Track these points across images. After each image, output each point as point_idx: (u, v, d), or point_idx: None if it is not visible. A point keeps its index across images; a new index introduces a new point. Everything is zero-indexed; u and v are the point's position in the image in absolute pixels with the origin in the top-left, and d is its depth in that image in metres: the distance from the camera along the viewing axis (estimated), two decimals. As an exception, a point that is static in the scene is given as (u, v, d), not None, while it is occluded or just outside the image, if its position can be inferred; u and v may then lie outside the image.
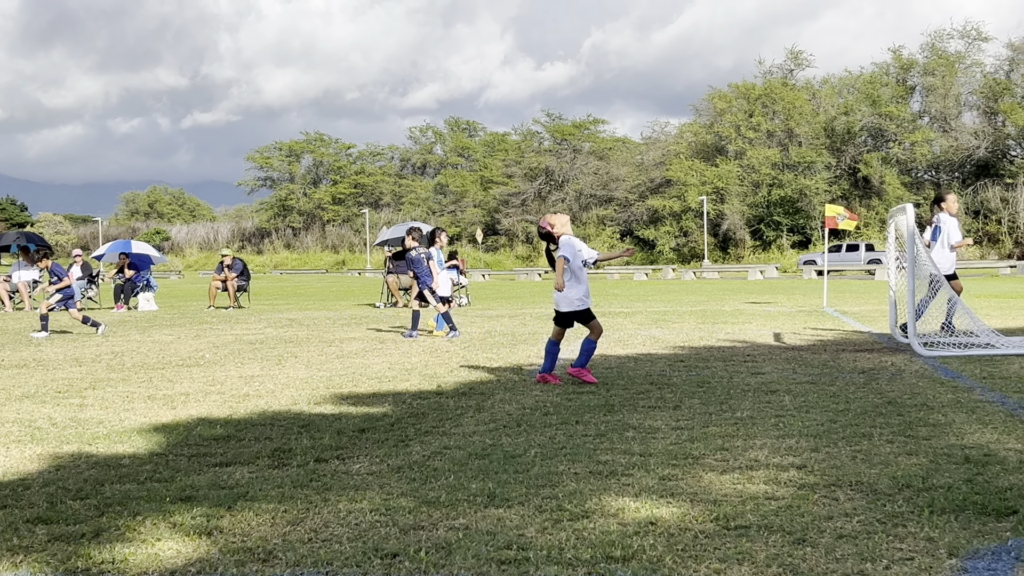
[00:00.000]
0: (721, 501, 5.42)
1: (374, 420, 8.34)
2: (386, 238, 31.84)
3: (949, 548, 4.54)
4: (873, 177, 76.90)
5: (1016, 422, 7.79)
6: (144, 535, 4.97)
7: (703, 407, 8.79)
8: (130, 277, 30.15)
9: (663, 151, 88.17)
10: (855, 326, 18.32)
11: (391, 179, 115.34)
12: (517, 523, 5.06)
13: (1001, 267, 57.57)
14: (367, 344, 15.90)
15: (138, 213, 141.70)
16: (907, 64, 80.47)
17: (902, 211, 14.57)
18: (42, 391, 10.61)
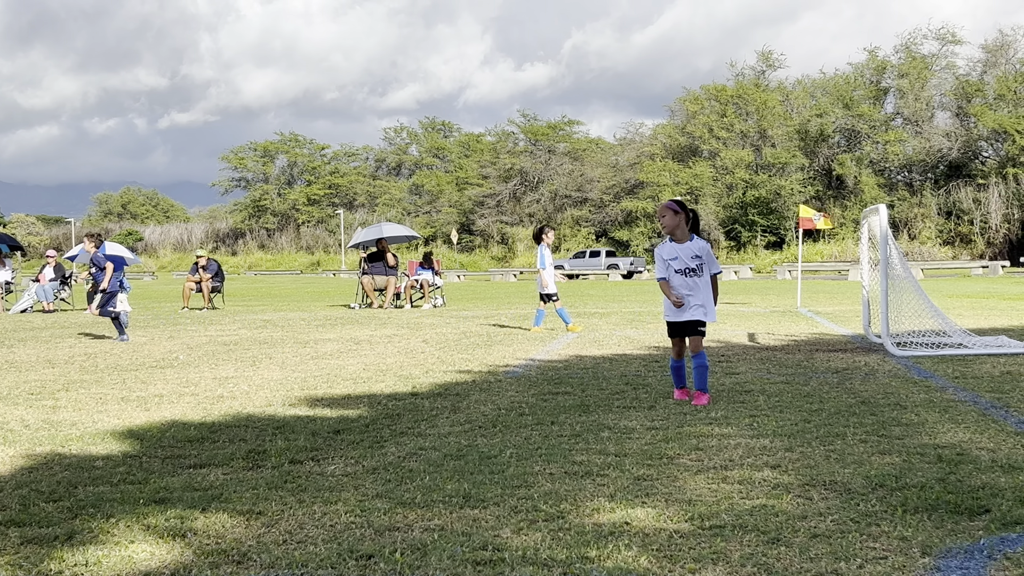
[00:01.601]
0: (696, 501, 5.44)
1: (349, 421, 8.33)
2: (360, 240, 31.73)
3: (922, 547, 4.57)
4: (847, 177, 77.30)
5: (988, 421, 7.84)
6: (118, 537, 4.94)
7: (678, 407, 8.81)
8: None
9: (637, 152, 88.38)
10: (829, 326, 18.39)
11: (366, 180, 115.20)
12: (492, 524, 5.06)
13: (973, 267, 57.93)
14: (342, 345, 15.87)
15: (111, 214, 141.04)
16: (881, 65, 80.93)
17: (875, 212, 14.64)
18: (14, 393, 10.54)
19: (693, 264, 9.01)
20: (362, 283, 29.04)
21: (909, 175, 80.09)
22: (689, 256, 9.02)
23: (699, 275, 9.02)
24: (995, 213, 72.21)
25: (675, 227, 9.06)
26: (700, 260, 9.03)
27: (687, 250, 9.04)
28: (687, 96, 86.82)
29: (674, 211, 9.08)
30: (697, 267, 9.01)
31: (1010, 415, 8.14)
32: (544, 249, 18.17)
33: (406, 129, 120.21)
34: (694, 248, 9.06)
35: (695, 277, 9.01)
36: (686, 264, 9.02)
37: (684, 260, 9.02)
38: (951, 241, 74.09)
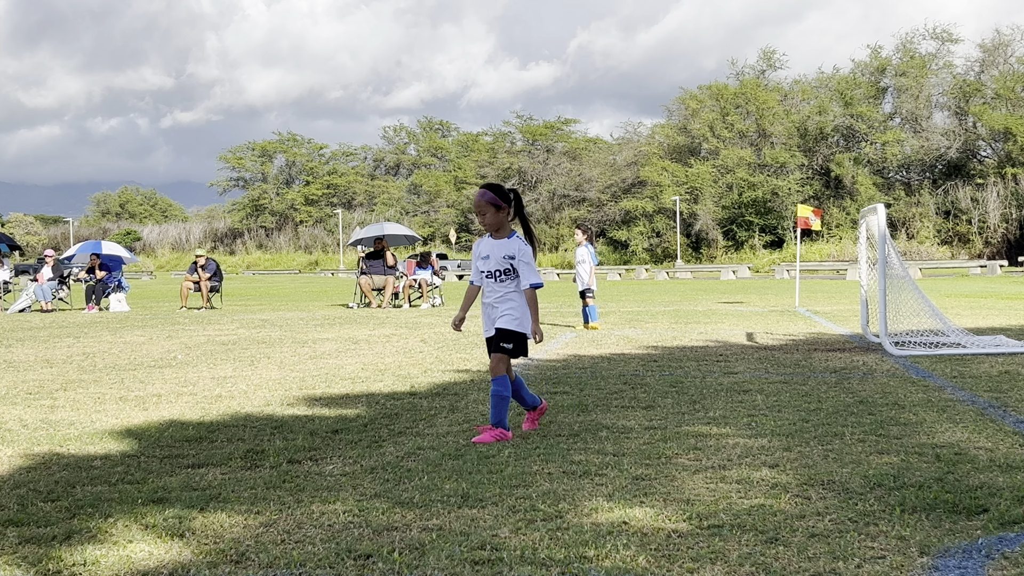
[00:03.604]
0: (694, 500, 5.44)
1: (347, 421, 8.33)
2: (359, 237, 31.79)
3: (920, 546, 4.57)
4: (845, 177, 77.32)
5: (986, 421, 7.84)
6: (116, 537, 4.94)
7: (676, 407, 8.81)
8: (101, 278, 29.99)
9: (635, 152, 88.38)
10: (827, 326, 18.40)
11: (364, 179, 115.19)
12: (491, 523, 5.06)
13: (971, 267, 57.97)
14: (340, 345, 15.87)
15: (109, 214, 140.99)
16: (882, 64, 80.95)
17: (873, 211, 14.64)
18: (12, 392, 10.54)
19: (504, 266, 7.55)
20: (360, 283, 29.04)
21: (907, 175, 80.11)
22: (501, 256, 7.55)
23: (508, 280, 7.56)
24: (993, 212, 72.22)
25: (501, 224, 7.60)
26: (511, 262, 7.54)
27: (501, 248, 7.57)
28: (687, 95, 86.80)
29: (496, 205, 7.54)
30: (507, 270, 7.54)
31: (1008, 414, 8.14)
32: (592, 247, 19.16)
33: (405, 129, 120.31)
34: (509, 247, 7.56)
35: (505, 282, 7.57)
36: (497, 266, 7.57)
37: (496, 260, 7.57)
38: (949, 241, 74.11)
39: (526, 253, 7.53)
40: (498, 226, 7.54)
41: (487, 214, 7.51)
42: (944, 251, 72.43)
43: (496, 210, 7.50)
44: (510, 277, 7.52)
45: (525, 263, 7.52)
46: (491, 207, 7.48)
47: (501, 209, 7.51)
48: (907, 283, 14.43)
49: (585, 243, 18.99)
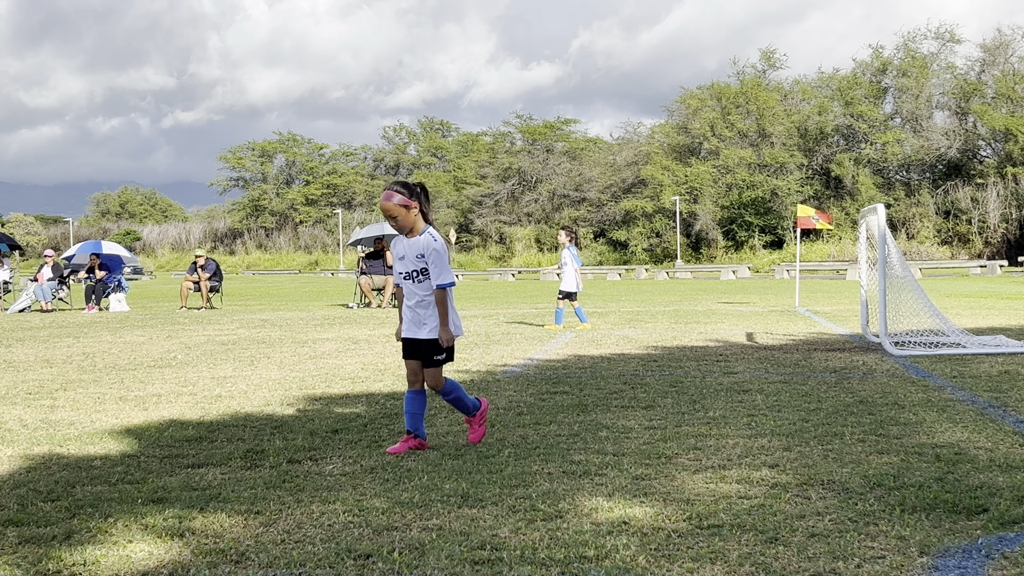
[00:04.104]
0: (694, 500, 5.44)
1: (347, 421, 8.33)
2: (359, 237, 31.80)
3: (920, 546, 4.57)
4: (845, 177, 77.32)
5: (986, 421, 7.84)
6: (116, 537, 4.94)
7: (676, 407, 8.81)
8: (101, 278, 30.00)
9: (635, 151, 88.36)
10: (827, 326, 18.40)
11: (364, 179, 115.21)
12: (490, 523, 5.06)
13: (971, 267, 57.97)
14: (340, 345, 15.87)
15: (109, 214, 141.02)
16: (884, 64, 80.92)
17: (873, 211, 14.64)
18: (12, 392, 10.54)
19: (418, 266, 7.14)
20: (360, 283, 29.05)
21: (907, 175, 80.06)
22: (414, 256, 7.15)
23: (426, 280, 7.13)
24: (993, 212, 72.18)
25: (414, 223, 7.15)
26: (424, 261, 7.12)
27: (413, 247, 7.16)
28: (687, 94, 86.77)
29: (405, 206, 7.08)
30: (422, 270, 7.13)
31: (1008, 414, 8.14)
32: (574, 249, 19.29)
33: (404, 129, 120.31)
34: (419, 245, 7.14)
35: (423, 283, 7.15)
36: (412, 266, 7.17)
37: (410, 260, 7.18)
38: (949, 241, 74.07)
39: (435, 250, 7.07)
40: (411, 226, 7.13)
41: (398, 216, 7.06)
42: (944, 251, 72.40)
43: (406, 210, 7.07)
44: (427, 277, 7.11)
45: (434, 261, 7.07)
46: (400, 208, 7.05)
47: (411, 208, 7.09)
48: (909, 282, 14.43)
49: (568, 245, 19.12)
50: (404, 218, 7.07)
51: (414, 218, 7.11)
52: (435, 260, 7.07)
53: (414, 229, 7.14)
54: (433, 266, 7.07)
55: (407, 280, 7.18)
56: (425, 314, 7.14)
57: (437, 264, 7.07)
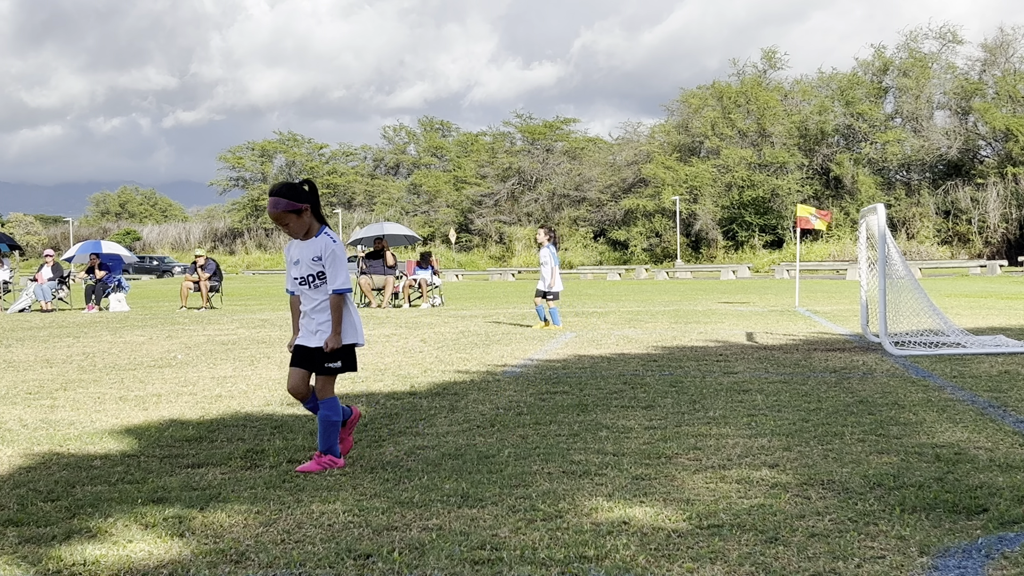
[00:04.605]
0: (694, 500, 5.44)
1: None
2: (359, 237, 31.82)
3: (920, 546, 4.57)
4: (845, 177, 77.31)
5: (986, 421, 7.84)
6: (116, 537, 4.94)
7: (676, 407, 8.81)
8: (101, 278, 29.99)
9: (635, 151, 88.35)
10: (827, 326, 18.40)
11: (364, 179, 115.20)
12: (490, 523, 5.06)
13: (971, 267, 57.95)
14: (340, 344, 15.85)
15: (109, 214, 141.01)
16: (886, 64, 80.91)
17: (873, 211, 14.64)
18: (12, 392, 10.54)
19: (314, 270, 6.61)
20: (360, 283, 29.05)
21: (907, 174, 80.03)
22: (310, 258, 6.62)
23: (324, 284, 6.62)
24: (993, 212, 72.17)
25: (308, 226, 6.63)
26: (321, 264, 6.60)
27: (309, 250, 6.64)
28: (688, 93, 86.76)
29: (294, 211, 6.56)
30: (319, 274, 6.61)
31: (1008, 414, 8.15)
32: (554, 248, 19.24)
33: (404, 128, 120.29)
34: (315, 247, 6.62)
35: (320, 287, 6.64)
36: (308, 270, 6.63)
37: (305, 264, 6.64)
38: (949, 240, 74.06)
39: (334, 252, 6.58)
40: (305, 229, 6.61)
41: (289, 223, 6.57)
42: (944, 251, 72.38)
43: (297, 216, 6.55)
44: (324, 281, 6.60)
45: (331, 264, 6.58)
46: (290, 215, 6.54)
47: (302, 212, 6.55)
48: (909, 282, 14.43)
49: (547, 244, 19.09)
50: (296, 224, 6.57)
51: (308, 221, 6.60)
52: (332, 263, 6.58)
53: (309, 231, 6.64)
54: (330, 269, 6.57)
55: (303, 286, 6.64)
56: (321, 319, 6.63)
57: (334, 267, 6.58)
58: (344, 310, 6.61)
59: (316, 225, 6.65)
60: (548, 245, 19.08)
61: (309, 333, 6.65)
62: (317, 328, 6.62)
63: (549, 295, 18.82)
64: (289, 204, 6.50)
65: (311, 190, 6.64)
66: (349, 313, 6.66)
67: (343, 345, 6.62)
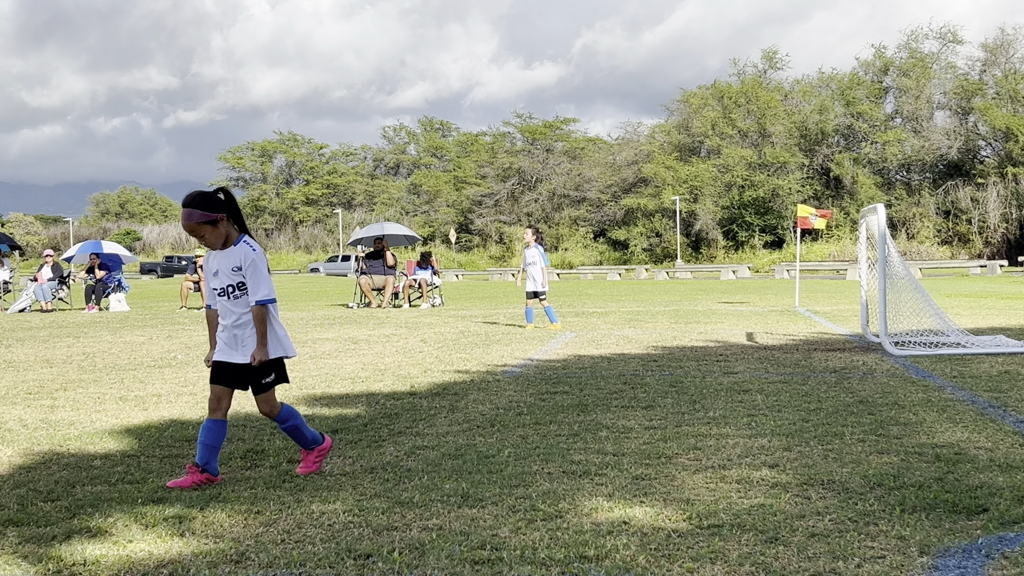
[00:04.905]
0: (694, 500, 5.44)
1: (347, 421, 8.33)
2: (359, 237, 31.82)
3: (920, 546, 4.57)
4: (845, 177, 77.33)
5: (986, 421, 7.84)
6: (116, 537, 4.94)
7: (676, 407, 8.81)
8: (101, 278, 29.99)
9: (636, 151, 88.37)
10: (827, 326, 18.40)
11: (364, 179, 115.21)
12: (491, 523, 5.06)
13: (971, 267, 57.96)
14: (340, 345, 15.87)
15: (109, 214, 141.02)
16: (886, 64, 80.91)
17: (873, 211, 14.64)
18: (12, 392, 10.54)
19: (234, 280, 6.28)
20: (360, 283, 29.05)
21: (907, 175, 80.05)
22: (229, 269, 6.28)
23: (245, 295, 6.29)
24: (993, 212, 72.20)
25: (226, 236, 6.29)
26: (241, 274, 6.27)
27: (227, 260, 6.28)
28: (689, 93, 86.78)
29: (210, 222, 6.22)
30: (239, 284, 6.28)
31: (1008, 414, 8.14)
32: (542, 248, 19.30)
33: (405, 128, 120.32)
34: (234, 257, 6.28)
35: (240, 299, 6.30)
36: (227, 281, 6.29)
37: (225, 275, 6.28)
38: (949, 240, 74.10)
39: (253, 261, 6.25)
40: (223, 240, 6.26)
41: (205, 235, 6.22)
42: (944, 251, 72.42)
43: (213, 227, 6.21)
44: (245, 292, 6.27)
45: (252, 273, 6.25)
46: (206, 227, 6.20)
47: (218, 222, 6.21)
48: (908, 282, 14.43)
49: (535, 244, 19.20)
50: (212, 235, 6.22)
51: (224, 231, 6.24)
52: (253, 272, 6.24)
53: (227, 240, 6.28)
54: (251, 279, 6.24)
55: (222, 297, 6.29)
56: (243, 335, 6.28)
57: (255, 277, 6.24)
58: (269, 322, 6.30)
59: (235, 234, 6.32)
60: (536, 245, 19.22)
61: (230, 348, 6.29)
62: (241, 343, 6.27)
63: (541, 295, 18.92)
64: (204, 215, 6.16)
65: (227, 198, 6.30)
66: (273, 325, 6.34)
67: (272, 359, 6.33)
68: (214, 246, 6.27)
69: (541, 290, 18.89)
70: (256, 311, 6.22)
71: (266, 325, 6.26)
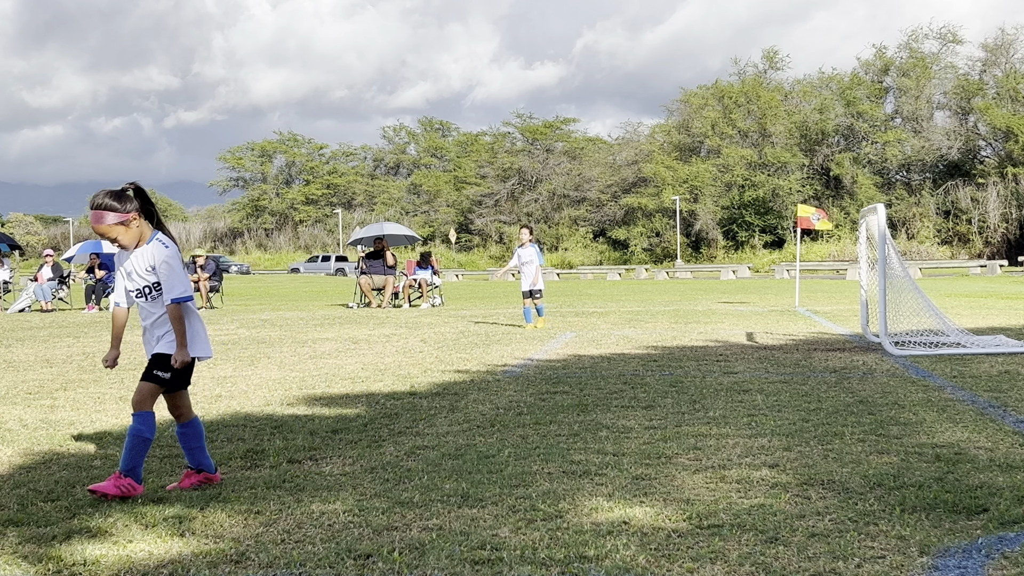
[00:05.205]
0: (694, 500, 5.44)
1: (347, 421, 8.33)
2: (359, 237, 31.82)
3: (920, 546, 4.57)
4: (844, 177, 77.33)
5: (986, 421, 7.84)
6: (116, 537, 4.94)
7: (676, 407, 8.81)
8: (101, 277, 29.99)
9: (636, 151, 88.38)
10: (827, 326, 18.40)
11: (364, 179, 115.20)
12: (491, 523, 5.06)
13: (971, 267, 57.98)
14: (340, 345, 15.87)
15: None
16: (887, 64, 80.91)
17: (873, 211, 14.64)
18: (12, 392, 10.54)
19: (149, 280, 6.02)
20: (360, 283, 29.04)
21: (908, 175, 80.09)
22: (143, 269, 6.01)
23: (154, 298, 6.05)
24: (993, 212, 72.23)
25: (139, 235, 5.99)
26: (155, 275, 5.99)
27: (141, 259, 6.01)
28: (689, 93, 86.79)
29: (122, 223, 5.92)
30: (155, 284, 6.01)
31: (1008, 414, 8.14)
32: (536, 247, 19.62)
33: (405, 128, 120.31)
34: (147, 256, 6.00)
35: (157, 300, 6.05)
36: (142, 281, 6.03)
37: (139, 275, 6.02)
38: (949, 240, 74.13)
39: (166, 260, 5.95)
40: (136, 239, 5.98)
41: (118, 236, 5.93)
42: (944, 251, 72.45)
43: (125, 227, 5.92)
44: (161, 292, 6.01)
45: (166, 272, 5.95)
46: (118, 228, 5.91)
47: (129, 222, 5.91)
48: (907, 283, 14.43)
49: (530, 243, 19.44)
50: (126, 235, 5.94)
51: (138, 230, 5.96)
52: (167, 271, 5.95)
53: (141, 239, 5.99)
54: (165, 278, 5.94)
55: (139, 298, 6.04)
56: (161, 334, 6.05)
57: (169, 275, 5.95)
58: (187, 320, 6.02)
59: (148, 231, 6.02)
60: (532, 244, 19.44)
61: (151, 349, 6.12)
62: (157, 343, 6.06)
63: (536, 293, 19.11)
64: (117, 216, 5.87)
65: (137, 193, 5.98)
66: (192, 324, 6.07)
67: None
68: (128, 247, 5.99)
69: (535, 288, 19.08)
70: (172, 310, 5.95)
71: (184, 324, 5.99)
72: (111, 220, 5.86)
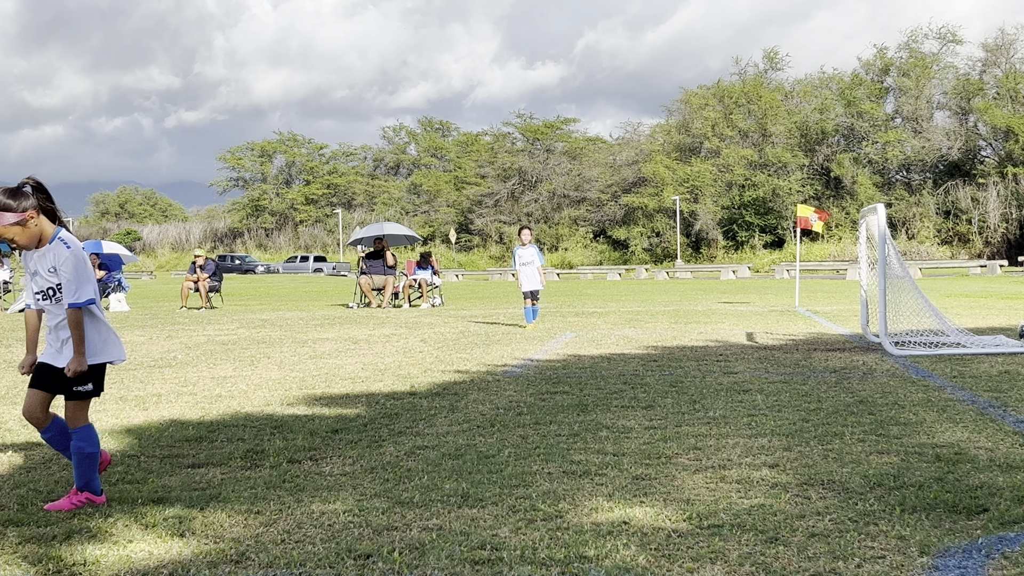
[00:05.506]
0: (694, 500, 5.44)
1: (347, 421, 8.33)
2: (359, 237, 31.81)
3: (920, 546, 4.57)
4: (845, 177, 77.32)
5: (986, 421, 7.84)
6: (116, 537, 4.94)
7: (676, 407, 8.81)
8: (101, 277, 30.00)
9: (636, 151, 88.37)
10: (827, 326, 18.40)
11: (364, 179, 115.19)
12: (491, 523, 5.06)
13: (971, 267, 57.95)
14: (340, 345, 15.87)
15: (109, 214, 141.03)
16: (887, 64, 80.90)
17: (873, 211, 14.64)
18: (12, 392, 10.54)
19: (53, 283, 5.65)
20: (360, 283, 29.04)
21: (908, 175, 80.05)
22: (46, 270, 5.64)
23: (60, 300, 5.66)
24: (993, 212, 72.19)
25: (40, 234, 5.60)
26: (58, 277, 5.62)
27: (43, 261, 5.64)
28: (690, 93, 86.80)
29: (20, 223, 5.52)
30: (58, 286, 5.64)
31: (1008, 414, 8.14)
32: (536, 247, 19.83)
33: (405, 128, 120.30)
34: (50, 257, 5.62)
35: (58, 302, 5.68)
36: (46, 283, 5.68)
37: (43, 277, 5.67)
38: (949, 240, 74.08)
39: (68, 260, 5.54)
40: (36, 239, 5.59)
41: (15, 237, 5.53)
42: (944, 251, 72.41)
43: (23, 227, 5.52)
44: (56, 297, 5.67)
45: (66, 274, 5.56)
46: (14, 228, 5.51)
47: (27, 221, 5.51)
48: (907, 283, 14.43)
49: (530, 244, 19.66)
50: (24, 236, 5.55)
51: (37, 229, 5.57)
52: (68, 273, 5.55)
53: (43, 239, 5.60)
54: (66, 280, 5.56)
55: (44, 300, 5.70)
56: (66, 337, 5.66)
57: (71, 277, 5.54)
58: (88, 326, 5.64)
59: (50, 230, 5.62)
60: (532, 244, 19.65)
61: (55, 352, 5.71)
62: (64, 346, 5.67)
63: (536, 294, 19.29)
64: (15, 216, 5.47)
65: (37, 189, 5.60)
66: (96, 328, 5.69)
67: (90, 366, 5.63)
68: (28, 247, 5.60)
69: (538, 288, 19.22)
70: (70, 315, 5.55)
71: (82, 331, 5.58)
72: (9, 220, 5.46)
